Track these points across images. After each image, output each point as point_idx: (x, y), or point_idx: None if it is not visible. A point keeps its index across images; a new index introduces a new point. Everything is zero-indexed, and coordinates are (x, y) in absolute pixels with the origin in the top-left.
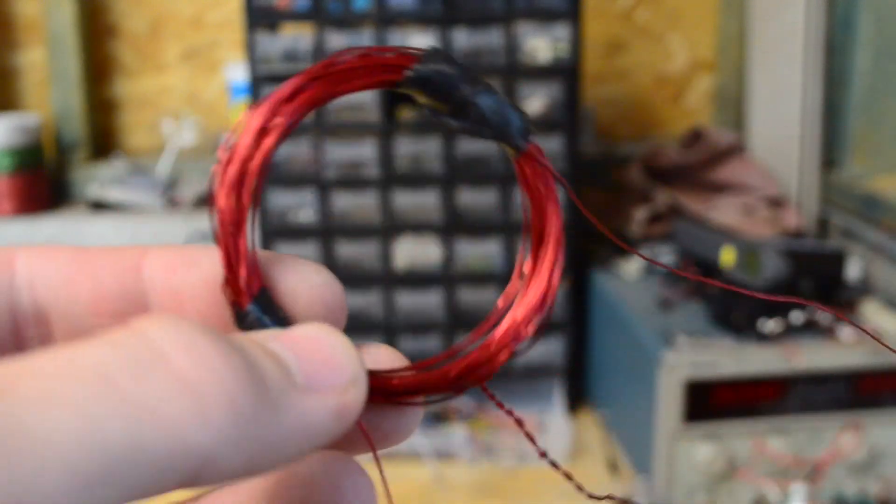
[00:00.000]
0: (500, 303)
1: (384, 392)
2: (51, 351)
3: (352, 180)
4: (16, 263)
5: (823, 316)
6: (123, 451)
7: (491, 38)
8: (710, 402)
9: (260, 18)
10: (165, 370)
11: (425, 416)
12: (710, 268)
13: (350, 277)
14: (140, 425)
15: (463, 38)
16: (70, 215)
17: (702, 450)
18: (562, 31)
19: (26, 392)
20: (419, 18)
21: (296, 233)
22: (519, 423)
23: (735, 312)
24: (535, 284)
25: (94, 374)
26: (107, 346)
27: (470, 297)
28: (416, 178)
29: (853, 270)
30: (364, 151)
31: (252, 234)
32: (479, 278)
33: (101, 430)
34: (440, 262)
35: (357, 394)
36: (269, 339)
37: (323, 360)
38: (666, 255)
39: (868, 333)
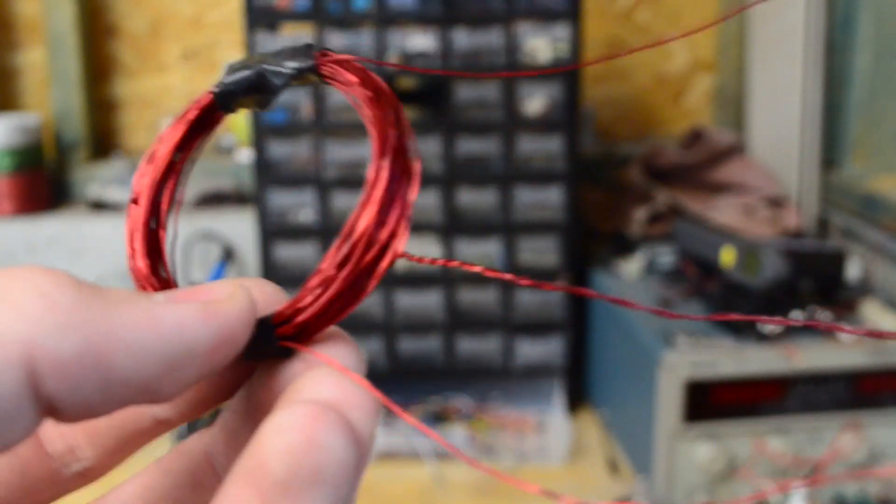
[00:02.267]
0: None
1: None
2: None
3: (352, 180)
4: None
5: (823, 315)
6: None
7: (491, 38)
8: (710, 402)
9: (260, 18)
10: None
11: (425, 416)
12: (710, 268)
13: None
14: None
15: (463, 38)
16: (70, 215)
17: (702, 450)
18: (562, 31)
19: None
20: (419, 18)
21: (296, 233)
22: None
23: (735, 312)
24: (376, 184)
25: None
26: None
27: (470, 297)
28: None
29: (853, 270)
30: (364, 151)
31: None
32: (479, 278)
33: None
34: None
35: (231, 304)
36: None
37: (197, 290)
38: (666, 255)
39: (868, 334)
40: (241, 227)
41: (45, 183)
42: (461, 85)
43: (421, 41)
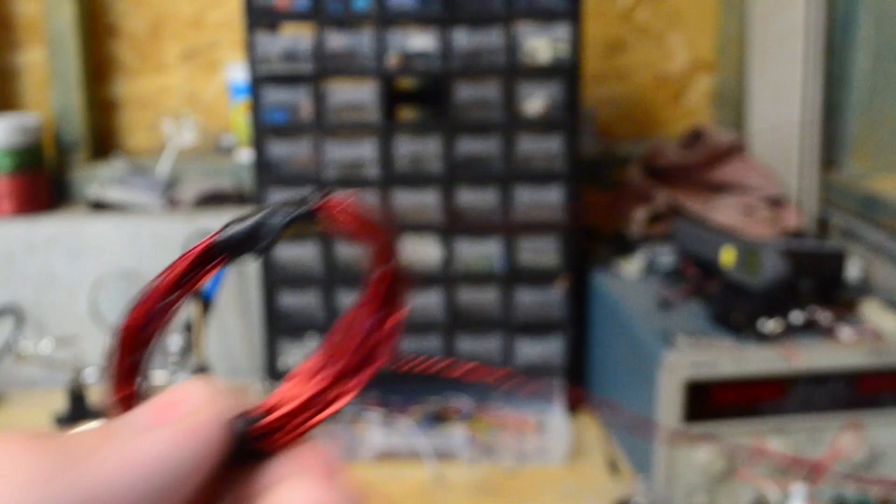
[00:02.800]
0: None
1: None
2: None
3: (352, 180)
4: None
5: (823, 315)
6: None
7: (491, 38)
8: (710, 402)
9: (260, 18)
10: None
11: (425, 416)
12: (710, 268)
13: (350, 278)
14: None
15: (463, 38)
16: (70, 215)
17: (702, 450)
18: (562, 31)
19: None
20: (419, 18)
21: (296, 233)
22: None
23: (735, 312)
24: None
25: None
26: None
27: (470, 297)
28: (416, 178)
29: (853, 270)
30: (364, 151)
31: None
32: (479, 278)
33: None
34: (440, 262)
35: (204, 415)
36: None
37: (168, 405)
38: (666, 255)
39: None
40: None
41: (45, 183)
42: (461, 85)
43: (421, 41)
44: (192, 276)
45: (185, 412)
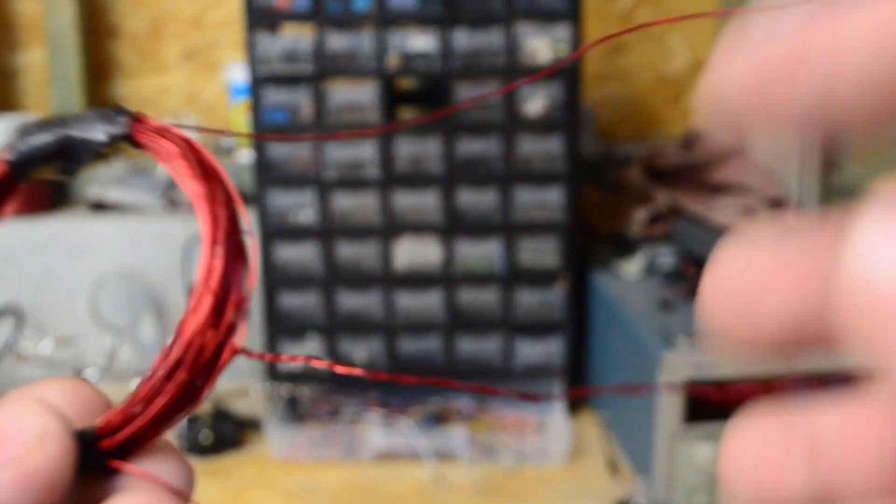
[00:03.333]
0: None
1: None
2: None
3: (352, 180)
4: None
5: None
6: None
7: (491, 39)
8: (710, 402)
9: (260, 18)
10: None
11: (425, 416)
12: None
13: (350, 277)
14: None
15: (463, 39)
16: (70, 215)
17: (702, 450)
18: (562, 32)
19: None
20: (419, 19)
21: (296, 233)
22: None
23: None
24: (203, 271)
25: None
26: None
27: (470, 297)
28: (416, 179)
29: None
30: (364, 151)
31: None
32: (479, 278)
33: None
34: (440, 262)
35: (45, 452)
36: None
37: (2, 437)
38: (666, 256)
39: None
40: None
41: (45, 183)
42: (461, 85)
43: (421, 42)
44: None
45: (14, 448)
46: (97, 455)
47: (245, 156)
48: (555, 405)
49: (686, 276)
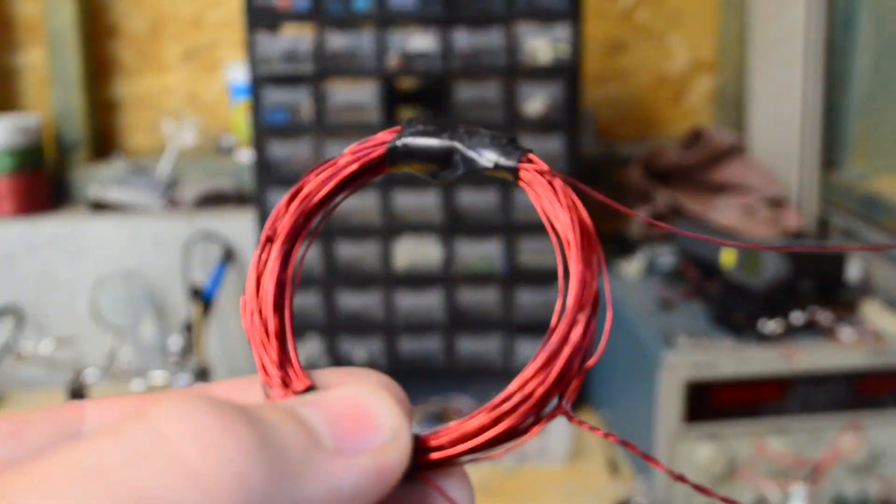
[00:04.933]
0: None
1: (430, 453)
2: (54, 453)
3: None
4: (85, 413)
5: (823, 316)
6: None
7: (491, 39)
8: (710, 402)
9: (260, 18)
10: (167, 458)
11: (425, 416)
12: (710, 268)
13: (350, 277)
14: None
15: (463, 39)
16: (70, 215)
17: (702, 450)
18: (562, 32)
19: (23, 498)
20: (419, 19)
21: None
22: (627, 445)
23: (735, 313)
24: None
25: (89, 470)
26: (108, 439)
27: (470, 297)
28: (416, 178)
29: (853, 270)
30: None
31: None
32: (479, 278)
33: None
34: (440, 262)
35: (397, 452)
36: (300, 403)
37: (357, 421)
38: (666, 256)
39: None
40: (241, 228)
41: (45, 183)
42: (461, 85)
43: (421, 41)
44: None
45: (376, 439)
46: (413, 465)
47: (245, 156)
48: (555, 405)
49: (686, 276)
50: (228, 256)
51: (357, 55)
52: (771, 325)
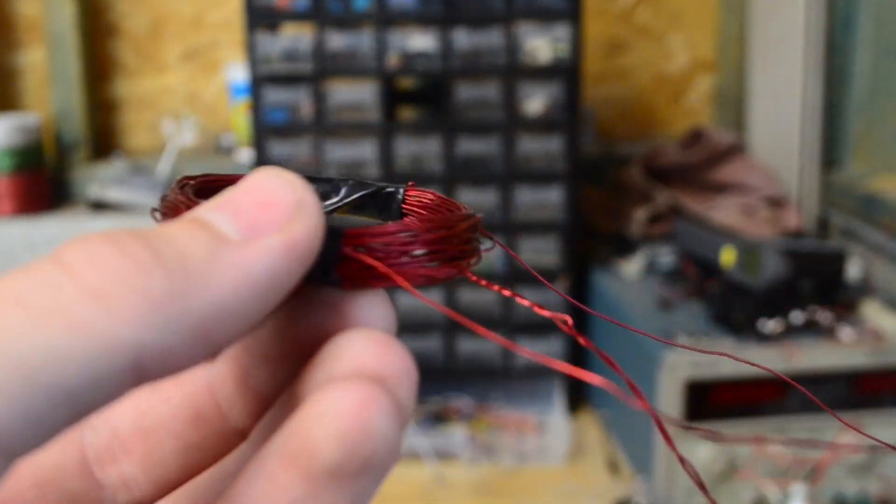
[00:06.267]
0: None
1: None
2: None
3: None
4: None
5: (823, 316)
6: (43, 359)
7: (491, 38)
8: (710, 402)
9: (260, 18)
10: (72, 280)
11: (425, 416)
12: (710, 268)
13: None
14: (54, 332)
15: (463, 38)
16: (70, 215)
17: (702, 450)
18: (562, 31)
19: None
20: (419, 18)
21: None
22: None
23: (735, 313)
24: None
25: (5, 296)
26: (22, 273)
27: (470, 297)
28: (416, 178)
29: (853, 270)
30: (364, 151)
31: None
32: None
33: (16, 340)
34: None
35: (304, 222)
36: (201, 209)
37: (259, 205)
38: (666, 256)
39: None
40: None
41: (45, 183)
42: (461, 85)
43: (421, 41)
44: None
45: (280, 216)
46: (336, 256)
47: (245, 155)
48: (555, 405)
49: (686, 276)
50: None
51: (357, 55)
52: (771, 325)
